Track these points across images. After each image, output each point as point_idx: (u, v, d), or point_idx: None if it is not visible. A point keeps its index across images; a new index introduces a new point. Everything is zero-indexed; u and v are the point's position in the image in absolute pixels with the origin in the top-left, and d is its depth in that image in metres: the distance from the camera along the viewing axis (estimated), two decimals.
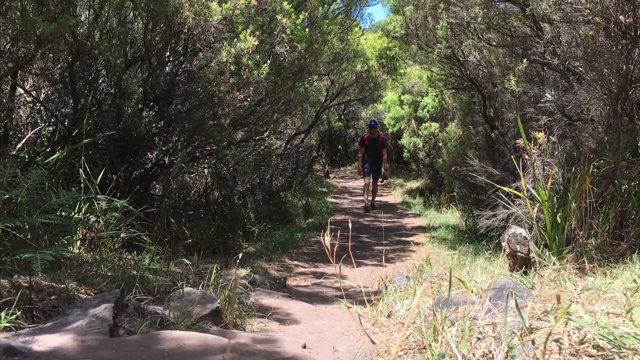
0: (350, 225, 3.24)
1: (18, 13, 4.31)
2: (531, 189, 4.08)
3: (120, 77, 5.33)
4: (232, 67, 5.42)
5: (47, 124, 5.50)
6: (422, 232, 9.38)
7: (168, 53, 5.91)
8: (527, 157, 4.30)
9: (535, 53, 5.23)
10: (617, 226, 3.80)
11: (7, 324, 2.18)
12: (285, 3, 6.01)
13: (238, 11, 5.47)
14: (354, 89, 13.69)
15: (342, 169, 22.53)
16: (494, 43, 6.03)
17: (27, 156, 4.80)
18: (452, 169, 8.77)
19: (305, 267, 6.52)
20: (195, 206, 6.90)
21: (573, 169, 4.15)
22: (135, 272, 3.64)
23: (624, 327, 1.60)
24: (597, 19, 3.74)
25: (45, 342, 2.00)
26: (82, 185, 4.19)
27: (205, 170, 7.65)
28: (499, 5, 5.81)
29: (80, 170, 4.24)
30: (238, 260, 4.44)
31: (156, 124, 5.64)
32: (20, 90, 5.40)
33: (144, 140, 5.60)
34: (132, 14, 5.66)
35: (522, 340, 1.62)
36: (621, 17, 3.61)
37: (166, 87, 5.71)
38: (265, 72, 5.56)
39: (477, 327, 1.83)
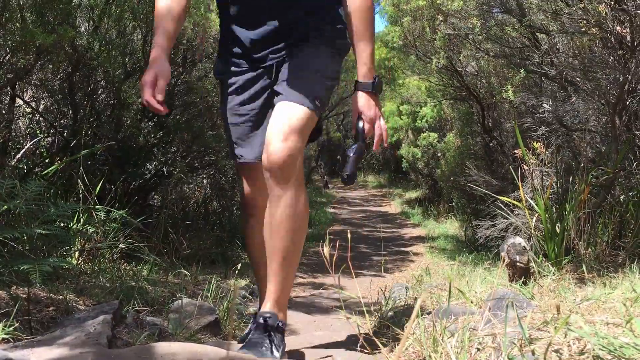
0: (349, 235, 3.23)
1: (17, 24, 4.33)
2: (530, 199, 4.09)
3: (119, 88, 5.34)
4: None
5: (46, 134, 5.50)
6: (421, 242, 9.37)
7: None
8: (525, 167, 4.31)
9: (532, 63, 5.25)
10: (615, 236, 3.80)
11: (5, 336, 2.17)
12: None
13: None
14: None
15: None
16: (492, 53, 6.05)
17: (25, 167, 4.80)
18: (451, 179, 8.78)
19: (303, 278, 6.50)
20: (194, 217, 6.88)
21: (571, 179, 4.16)
22: (133, 283, 3.63)
23: (623, 337, 1.60)
24: (593, 29, 3.76)
25: (42, 354, 1.99)
26: (81, 196, 4.19)
27: (204, 181, 7.64)
28: (496, 16, 5.84)
29: (79, 181, 4.24)
30: (237, 271, 4.42)
31: (155, 135, 5.66)
32: (19, 102, 5.41)
33: (142, 150, 5.60)
34: (131, 25, 5.69)
35: (522, 350, 1.62)
36: (618, 27, 3.63)
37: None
38: None
39: (476, 337, 1.82)
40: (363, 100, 2.12)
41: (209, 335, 2.81)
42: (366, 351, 2.25)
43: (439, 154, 12.05)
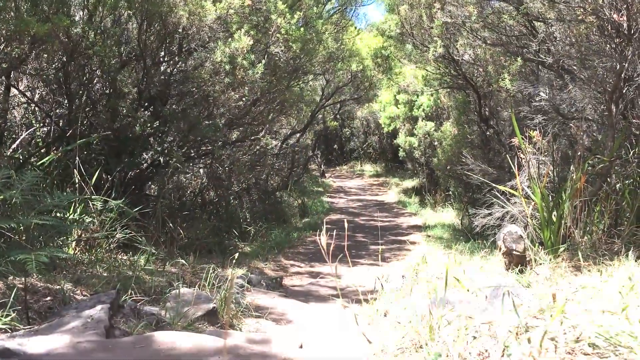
0: (346, 224, 3.23)
1: (12, 13, 4.29)
2: (526, 187, 4.09)
3: (114, 77, 5.31)
4: (227, 67, 5.41)
5: (41, 124, 5.48)
6: (418, 231, 9.39)
7: (163, 53, 5.90)
8: (522, 155, 4.31)
9: (529, 52, 5.24)
10: (612, 224, 3.81)
11: (3, 326, 2.17)
12: (280, 3, 6.00)
13: (232, 11, 5.46)
14: (349, 89, 13.69)
15: (337, 168, 22.53)
16: (489, 42, 6.03)
17: (21, 157, 4.78)
18: (448, 168, 8.78)
19: (301, 267, 6.51)
20: (190, 206, 6.88)
21: (568, 167, 4.16)
22: (131, 273, 3.63)
23: (619, 325, 1.60)
24: (590, 17, 3.74)
25: (40, 343, 1.99)
26: (77, 186, 4.18)
27: (201, 171, 7.63)
28: (493, 4, 5.82)
29: (75, 171, 4.23)
30: (234, 260, 4.43)
31: (151, 124, 5.63)
32: (14, 91, 5.38)
33: (139, 140, 5.58)
34: (126, 13, 5.64)
35: (518, 338, 1.63)
36: (615, 15, 3.62)
37: (161, 87, 5.69)
38: (260, 72, 5.56)
39: (473, 326, 1.83)
40: None
41: (206, 324, 2.82)
42: (363, 339, 2.26)
43: (436, 143, 12.04)
